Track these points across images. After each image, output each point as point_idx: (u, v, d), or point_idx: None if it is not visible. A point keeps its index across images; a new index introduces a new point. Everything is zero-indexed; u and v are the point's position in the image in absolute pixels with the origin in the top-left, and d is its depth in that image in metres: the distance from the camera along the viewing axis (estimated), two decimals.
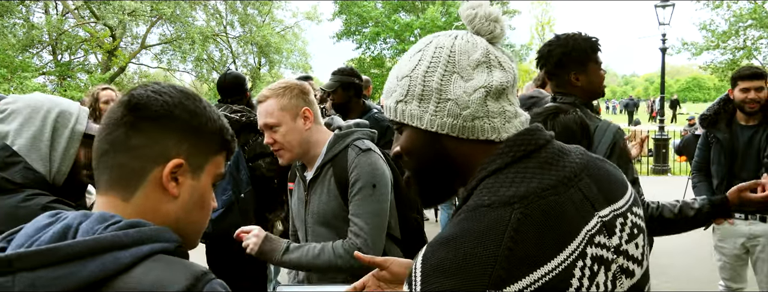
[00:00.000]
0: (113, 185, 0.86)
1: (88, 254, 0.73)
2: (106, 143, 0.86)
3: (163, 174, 0.85)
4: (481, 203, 0.82)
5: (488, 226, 0.77)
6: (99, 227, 0.78)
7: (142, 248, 0.77)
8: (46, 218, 0.82)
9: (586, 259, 0.79)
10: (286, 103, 1.89)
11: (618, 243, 0.86)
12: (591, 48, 2.21)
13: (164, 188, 0.86)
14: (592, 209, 0.86)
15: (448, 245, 0.77)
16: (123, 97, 0.88)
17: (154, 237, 0.79)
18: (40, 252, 0.73)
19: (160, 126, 0.86)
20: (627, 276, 0.86)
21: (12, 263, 0.72)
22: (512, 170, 0.86)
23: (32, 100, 1.48)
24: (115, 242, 0.75)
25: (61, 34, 20.21)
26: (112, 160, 0.85)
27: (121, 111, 0.86)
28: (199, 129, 0.89)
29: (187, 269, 0.77)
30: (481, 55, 0.91)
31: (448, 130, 0.90)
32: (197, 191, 0.90)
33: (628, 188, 0.97)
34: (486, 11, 0.93)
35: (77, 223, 0.79)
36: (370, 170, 1.88)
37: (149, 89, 0.88)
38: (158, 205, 0.87)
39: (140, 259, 0.76)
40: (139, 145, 0.85)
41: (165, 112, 0.86)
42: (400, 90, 0.93)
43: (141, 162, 0.85)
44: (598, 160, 0.98)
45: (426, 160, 0.94)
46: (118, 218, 0.80)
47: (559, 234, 0.78)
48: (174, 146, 0.86)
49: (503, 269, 0.73)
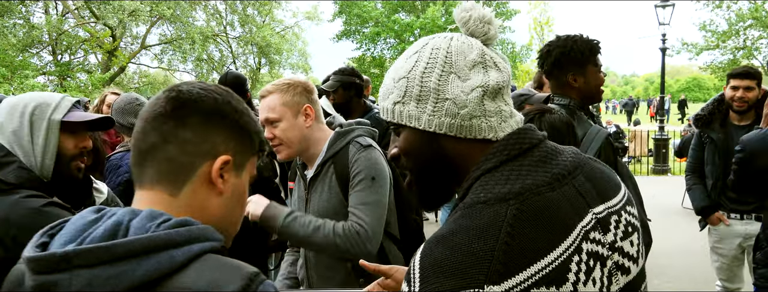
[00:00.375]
0: (161, 179, 0.85)
1: (143, 252, 0.73)
2: (155, 136, 0.85)
3: (213, 170, 0.86)
4: (477, 200, 0.83)
5: (485, 222, 0.78)
6: (151, 225, 0.77)
7: (192, 247, 0.76)
8: (90, 213, 0.82)
9: (582, 254, 0.80)
10: (288, 99, 1.89)
11: (613, 240, 0.87)
12: (590, 50, 2.21)
13: (212, 184, 0.87)
14: (587, 205, 0.87)
15: (446, 242, 0.78)
16: (169, 92, 0.88)
17: (203, 236, 0.79)
18: (97, 249, 0.72)
19: (210, 122, 0.87)
20: (622, 273, 0.87)
21: (71, 260, 0.72)
22: (507, 167, 0.87)
23: (14, 98, 1.47)
24: (168, 240, 0.75)
25: (61, 34, 20.22)
26: (162, 153, 0.84)
27: (171, 105, 0.86)
28: (244, 128, 0.91)
29: (240, 270, 0.77)
30: (477, 56, 0.92)
31: (446, 129, 0.91)
32: (238, 188, 0.92)
33: (621, 188, 0.98)
34: (479, 14, 0.95)
35: (127, 220, 0.78)
36: (370, 164, 1.89)
37: (197, 86, 0.89)
38: (205, 201, 0.87)
39: (192, 258, 0.76)
40: (190, 140, 0.85)
41: (215, 108, 0.87)
42: (397, 92, 0.94)
43: (191, 157, 0.85)
44: (591, 159, 0.99)
45: (424, 160, 0.95)
46: (168, 216, 0.80)
47: (555, 229, 0.79)
48: (222, 143, 0.87)
49: (501, 264, 0.73)
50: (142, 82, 24.65)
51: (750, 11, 20.27)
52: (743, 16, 20.61)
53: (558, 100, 2.27)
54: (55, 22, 19.91)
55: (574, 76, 2.22)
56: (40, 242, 0.80)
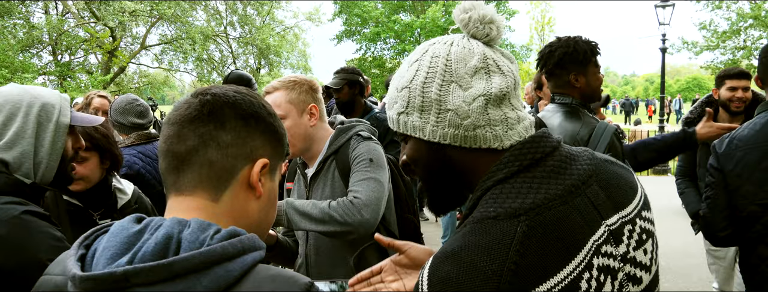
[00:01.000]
0: (202, 183, 0.82)
1: (202, 268, 0.71)
2: (193, 140, 0.82)
3: (253, 173, 0.85)
4: (486, 215, 0.81)
5: (494, 239, 0.76)
6: (204, 237, 0.75)
7: (246, 259, 0.75)
8: (132, 223, 0.78)
9: (593, 270, 0.78)
10: (294, 97, 1.89)
11: (625, 251, 0.85)
12: (591, 51, 2.26)
13: (251, 187, 0.86)
14: (600, 217, 0.85)
15: (454, 258, 0.77)
16: (202, 95, 0.86)
17: (252, 246, 0.77)
18: (158, 267, 0.70)
19: (248, 125, 0.86)
20: (634, 283, 0.86)
21: (130, 278, 0.69)
22: (519, 179, 0.85)
23: (10, 95, 1.40)
24: (223, 254, 0.73)
25: (61, 34, 20.22)
26: (203, 157, 0.82)
27: (208, 108, 0.84)
28: (277, 132, 0.91)
29: (296, 281, 0.76)
30: (479, 61, 0.89)
31: (451, 140, 0.89)
32: (273, 192, 0.92)
33: (637, 191, 0.96)
34: (480, 14, 0.92)
35: (177, 232, 0.75)
36: (368, 150, 1.89)
37: (230, 90, 0.88)
38: (245, 205, 0.86)
39: (247, 271, 0.74)
40: (230, 142, 0.83)
41: (252, 111, 0.87)
42: (400, 102, 0.93)
43: (232, 160, 0.83)
44: (608, 163, 0.96)
45: (432, 169, 0.94)
46: (217, 227, 0.77)
47: (566, 246, 0.77)
48: (260, 146, 0.87)
49: (509, 283, 0.72)
50: (142, 83, 24.63)
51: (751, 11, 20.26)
52: (743, 15, 20.60)
53: (560, 99, 2.30)
54: (55, 23, 19.91)
55: (576, 75, 2.25)
56: (79, 255, 0.77)
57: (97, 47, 20.92)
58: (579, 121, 2.19)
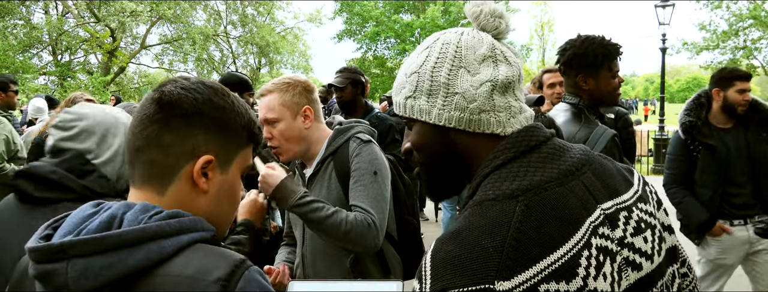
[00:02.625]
0: (147, 179, 0.89)
1: (135, 242, 0.78)
2: (140, 140, 0.88)
3: (194, 170, 0.89)
4: (486, 197, 0.84)
5: (494, 218, 0.79)
6: (143, 217, 0.81)
7: (182, 238, 0.81)
8: (90, 207, 0.87)
9: (592, 249, 0.80)
10: (288, 99, 1.88)
11: (622, 235, 0.87)
12: (604, 55, 2.17)
13: (195, 183, 0.90)
14: (595, 201, 0.87)
15: (455, 239, 0.79)
16: (154, 93, 0.91)
17: (192, 227, 0.83)
18: (91, 240, 0.77)
19: (190, 124, 0.89)
20: (633, 269, 0.87)
21: (66, 250, 0.77)
22: (515, 164, 0.88)
23: (98, 117, 1.53)
24: (159, 231, 0.79)
25: (61, 34, 20.23)
26: (146, 156, 0.88)
27: (154, 108, 0.89)
28: (228, 125, 0.92)
29: (227, 257, 0.81)
30: (487, 50, 0.93)
31: (456, 123, 0.92)
32: (226, 183, 0.94)
33: (632, 185, 0.98)
34: (490, 8, 0.96)
35: (121, 213, 0.83)
36: (371, 159, 1.87)
37: (179, 85, 0.91)
38: (190, 199, 0.90)
39: (181, 248, 0.80)
40: (171, 142, 0.88)
41: (195, 110, 0.89)
42: (409, 86, 0.96)
43: (173, 159, 0.88)
44: (600, 156, 0.99)
45: (435, 154, 0.97)
46: (160, 209, 0.84)
47: (564, 224, 0.80)
48: (204, 143, 0.90)
49: (510, 260, 0.74)
50: (142, 83, 24.64)
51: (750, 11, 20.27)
52: (742, 16, 20.61)
53: (568, 99, 2.28)
54: (55, 23, 19.92)
55: (584, 78, 2.21)
56: (44, 233, 0.85)
57: (97, 47, 20.93)
58: (579, 123, 2.17)
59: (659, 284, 0.93)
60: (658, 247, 0.95)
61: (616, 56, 2.21)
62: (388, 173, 1.92)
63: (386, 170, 1.91)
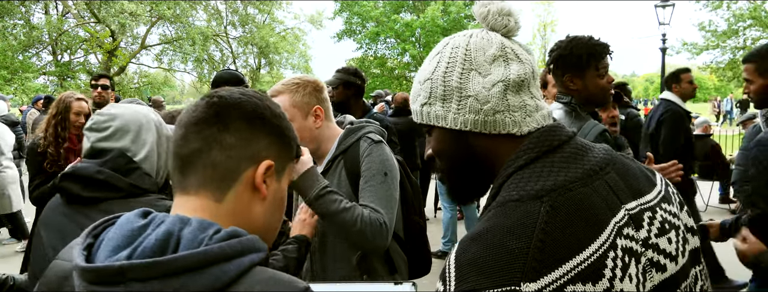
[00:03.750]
0: (205, 184, 0.84)
1: (197, 267, 0.72)
2: (197, 141, 0.84)
3: (257, 174, 0.86)
4: (509, 198, 0.83)
5: (518, 219, 0.78)
6: (203, 237, 0.75)
7: (243, 260, 0.75)
8: (137, 217, 0.81)
9: (617, 250, 0.79)
10: (298, 99, 1.88)
11: (646, 236, 0.86)
12: (590, 54, 2.17)
13: (255, 188, 0.86)
14: (619, 201, 0.86)
15: (480, 240, 0.78)
16: (209, 98, 0.87)
17: (251, 248, 0.78)
18: (154, 265, 0.71)
19: (252, 127, 0.86)
20: (657, 270, 0.86)
21: (125, 273, 0.71)
22: (538, 164, 0.87)
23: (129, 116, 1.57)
24: (221, 254, 0.74)
25: (61, 34, 20.22)
26: (206, 158, 0.83)
27: (213, 110, 0.85)
28: (284, 133, 0.91)
29: (292, 284, 0.77)
30: (497, 50, 0.93)
31: (471, 126, 0.92)
32: (279, 193, 0.92)
33: (656, 185, 0.97)
34: (498, 7, 0.96)
35: (178, 229, 0.76)
36: (382, 160, 1.88)
37: (236, 91, 0.89)
38: (249, 206, 0.87)
39: (243, 272, 0.75)
40: (234, 144, 0.84)
41: (257, 114, 0.87)
42: (423, 93, 0.96)
43: (235, 162, 0.84)
44: (623, 156, 0.99)
45: (455, 158, 0.97)
46: (218, 227, 0.78)
47: (589, 225, 0.79)
48: (265, 148, 0.87)
49: (536, 261, 0.73)
50: (142, 83, 24.63)
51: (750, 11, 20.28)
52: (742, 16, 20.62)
53: (560, 98, 2.29)
54: (55, 23, 19.91)
55: (571, 78, 2.21)
56: (86, 244, 0.79)
57: (97, 47, 20.93)
58: (570, 119, 2.18)
59: (683, 286, 0.92)
60: (682, 248, 0.94)
61: (603, 56, 2.19)
62: (397, 173, 1.92)
63: (396, 170, 1.92)
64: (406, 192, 2.07)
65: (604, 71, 2.21)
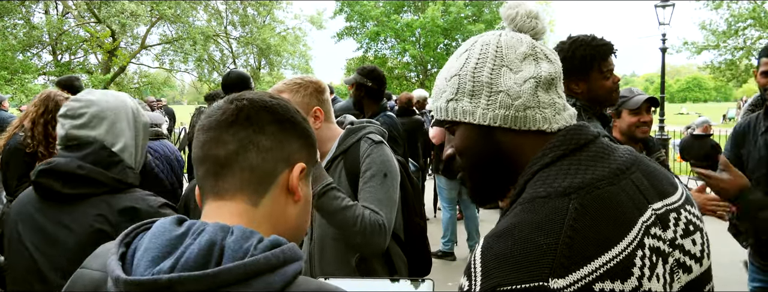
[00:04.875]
0: (243, 187, 0.82)
1: (244, 279, 0.70)
2: (233, 145, 0.82)
3: (292, 177, 0.85)
4: (537, 195, 0.82)
5: (546, 216, 0.78)
6: (248, 246, 0.74)
7: (287, 271, 0.74)
8: (173, 225, 0.78)
9: (645, 249, 0.79)
10: (299, 100, 1.88)
11: (672, 237, 0.86)
12: (593, 56, 2.11)
13: (290, 191, 0.86)
14: (646, 201, 0.86)
15: (508, 236, 0.78)
16: (237, 101, 0.86)
17: (293, 257, 0.76)
18: (204, 277, 0.69)
19: (284, 130, 0.86)
20: (684, 271, 0.85)
21: (173, 286, 0.69)
22: (565, 162, 0.87)
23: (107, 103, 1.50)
24: (266, 265, 0.72)
25: (61, 34, 20.22)
26: (244, 161, 0.82)
27: (245, 113, 0.83)
28: (311, 136, 0.91)
29: None
30: (528, 49, 0.93)
31: (501, 121, 0.91)
32: (308, 196, 0.92)
33: (678, 188, 0.97)
34: (526, 9, 0.96)
35: (221, 238, 0.74)
36: (382, 160, 1.88)
37: (263, 95, 0.88)
38: (284, 209, 0.86)
39: (288, 283, 0.73)
40: (270, 147, 0.83)
41: (288, 117, 0.87)
42: (450, 89, 0.95)
43: (272, 164, 0.83)
44: (647, 158, 0.99)
45: (480, 156, 0.96)
46: (260, 236, 0.76)
47: (617, 223, 0.78)
48: (297, 151, 0.87)
49: (565, 258, 0.73)
50: (143, 83, 24.62)
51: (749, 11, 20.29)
52: (742, 15, 20.62)
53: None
54: (55, 23, 19.91)
55: (575, 81, 2.14)
56: (120, 253, 0.76)
57: (97, 47, 20.93)
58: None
59: (707, 288, 0.91)
60: (707, 250, 0.93)
61: (607, 56, 2.14)
62: (398, 174, 1.92)
63: (397, 172, 1.91)
64: (407, 193, 2.07)
65: (608, 72, 2.16)
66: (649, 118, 2.68)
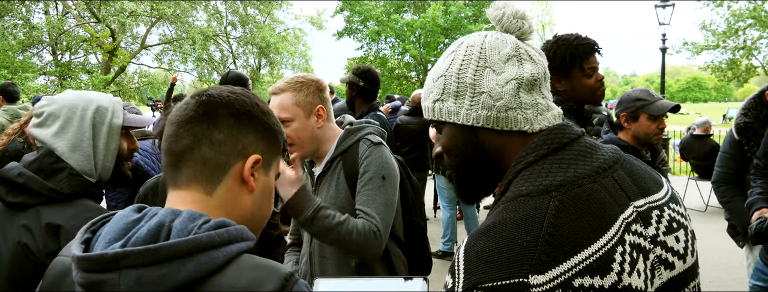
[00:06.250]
0: (197, 178, 0.89)
1: (186, 254, 0.76)
2: (188, 138, 0.89)
3: (245, 168, 0.90)
4: (519, 193, 0.84)
5: (527, 213, 0.79)
6: (193, 226, 0.80)
7: (231, 248, 0.80)
8: (132, 212, 0.85)
9: (625, 245, 0.80)
10: (301, 99, 1.88)
11: (654, 233, 0.87)
12: (573, 55, 2.12)
13: (244, 182, 0.91)
14: (627, 198, 0.87)
15: (489, 233, 0.80)
16: (199, 96, 0.92)
17: (239, 237, 0.82)
18: (145, 251, 0.75)
19: (240, 123, 0.91)
20: (666, 267, 0.87)
21: (119, 260, 0.75)
22: (548, 161, 0.89)
23: (67, 101, 1.47)
24: (210, 242, 0.78)
25: (61, 34, 20.22)
26: (197, 154, 0.88)
27: (203, 108, 0.90)
28: (271, 129, 0.96)
29: (277, 271, 0.81)
30: (511, 50, 0.95)
31: (483, 122, 0.93)
32: (267, 186, 0.97)
33: (662, 186, 0.98)
34: (513, 10, 0.98)
35: (169, 220, 0.81)
36: (381, 162, 1.87)
37: (224, 90, 0.93)
38: (238, 198, 0.91)
39: (231, 259, 0.80)
40: (223, 140, 0.89)
41: (244, 111, 0.92)
42: (436, 90, 0.98)
43: (224, 157, 0.89)
44: (631, 157, 1.00)
45: (465, 155, 0.98)
46: (207, 217, 0.83)
47: (598, 220, 0.80)
48: (252, 143, 0.92)
49: (544, 254, 0.74)
50: (142, 83, 24.63)
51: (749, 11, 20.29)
52: (742, 15, 20.63)
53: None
54: (55, 23, 19.91)
55: (557, 79, 2.14)
56: (84, 238, 0.84)
57: (97, 47, 20.93)
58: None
59: (691, 285, 0.93)
60: (691, 247, 0.95)
61: (589, 54, 2.14)
62: (396, 176, 1.92)
63: (395, 173, 1.91)
64: (407, 193, 2.07)
65: (591, 71, 2.17)
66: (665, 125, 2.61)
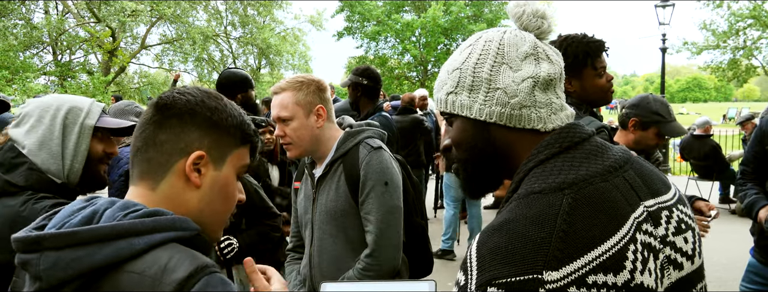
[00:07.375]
0: (143, 176, 0.95)
1: (105, 238, 0.82)
2: (139, 141, 0.96)
3: (186, 165, 0.94)
4: (531, 190, 0.84)
5: (541, 210, 0.79)
6: (120, 214, 0.85)
7: (155, 236, 0.84)
8: (80, 202, 0.91)
9: (637, 244, 0.80)
10: (301, 98, 1.89)
11: (664, 234, 0.88)
12: (585, 53, 2.10)
13: (187, 178, 0.94)
14: (638, 198, 0.88)
15: (502, 230, 0.80)
16: (156, 99, 0.98)
17: (169, 226, 0.86)
18: (63, 234, 0.82)
19: (183, 122, 0.95)
20: (675, 268, 0.87)
21: (40, 242, 0.82)
22: (559, 159, 0.89)
23: (43, 102, 1.49)
24: (131, 229, 0.83)
25: (61, 34, 20.21)
26: (144, 155, 0.95)
27: (152, 111, 0.96)
28: (219, 124, 0.97)
29: (193, 259, 0.83)
30: (530, 48, 0.95)
31: (497, 118, 0.93)
32: (219, 181, 0.98)
33: (671, 188, 0.99)
34: (533, 8, 0.98)
35: (103, 209, 0.87)
36: (381, 168, 1.89)
37: (175, 91, 0.98)
38: (181, 193, 0.95)
39: (153, 246, 0.83)
40: (166, 140, 0.94)
41: (188, 109, 0.95)
42: (450, 82, 0.97)
43: (166, 156, 0.94)
44: (640, 158, 1.00)
45: (474, 149, 0.98)
46: (140, 207, 0.88)
47: (610, 218, 0.80)
48: (196, 140, 0.95)
49: (558, 250, 0.75)
50: (143, 83, 24.60)
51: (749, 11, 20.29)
52: (742, 15, 20.63)
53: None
54: (55, 23, 19.90)
55: (569, 80, 2.11)
56: (39, 224, 0.90)
57: (97, 47, 20.91)
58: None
59: (699, 286, 0.93)
60: (699, 249, 0.95)
61: (600, 53, 2.12)
62: (399, 180, 1.93)
63: (397, 177, 1.93)
64: (408, 194, 2.08)
65: (602, 69, 2.15)
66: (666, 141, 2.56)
